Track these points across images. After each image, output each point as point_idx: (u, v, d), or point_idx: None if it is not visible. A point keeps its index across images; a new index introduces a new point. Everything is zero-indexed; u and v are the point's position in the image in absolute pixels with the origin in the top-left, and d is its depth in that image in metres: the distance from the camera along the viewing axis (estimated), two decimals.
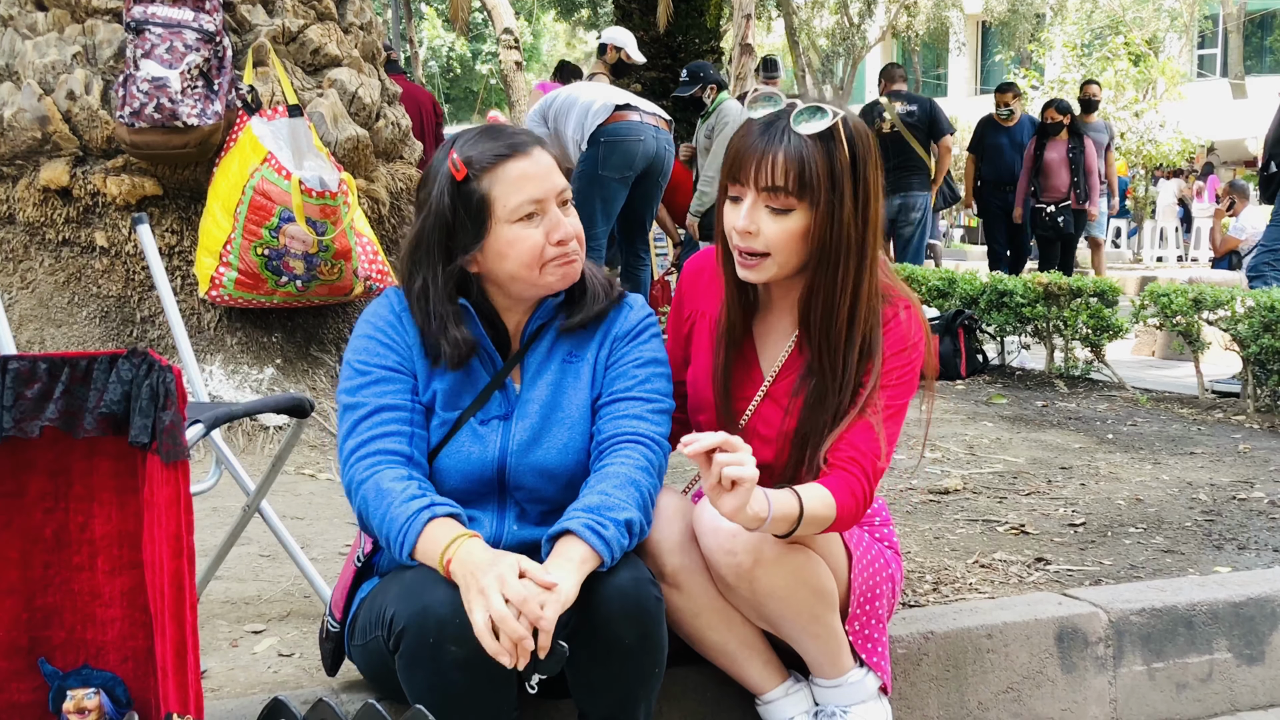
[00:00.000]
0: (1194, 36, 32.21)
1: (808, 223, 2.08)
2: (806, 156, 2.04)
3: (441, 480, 2.09)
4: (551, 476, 2.10)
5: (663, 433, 2.14)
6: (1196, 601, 2.81)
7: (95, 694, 1.91)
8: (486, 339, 2.12)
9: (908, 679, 2.53)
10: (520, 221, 2.04)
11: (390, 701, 1.98)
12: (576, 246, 2.09)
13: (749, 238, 2.09)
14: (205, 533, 2.95)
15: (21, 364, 1.80)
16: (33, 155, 4.59)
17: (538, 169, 2.05)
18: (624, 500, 1.99)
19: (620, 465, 2.04)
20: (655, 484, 2.09)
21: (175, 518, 1.75)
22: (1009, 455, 4.62)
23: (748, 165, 2.08)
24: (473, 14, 18.37)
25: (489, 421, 2.10)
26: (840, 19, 32.53)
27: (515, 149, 2.05)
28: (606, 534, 1.92)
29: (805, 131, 2.05)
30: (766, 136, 2.07)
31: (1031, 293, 6.51)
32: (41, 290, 4.61)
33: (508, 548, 2.06)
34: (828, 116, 2.06)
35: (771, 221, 2.08)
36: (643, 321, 2.22)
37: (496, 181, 2.04)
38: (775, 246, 2.09)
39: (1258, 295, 5.57)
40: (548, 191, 2.05)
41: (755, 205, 2.08)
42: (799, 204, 2.06)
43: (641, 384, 2.15)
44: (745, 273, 2.14)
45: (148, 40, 4.28)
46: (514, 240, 2.04)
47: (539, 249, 2.04)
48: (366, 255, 4.52)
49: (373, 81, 5.17)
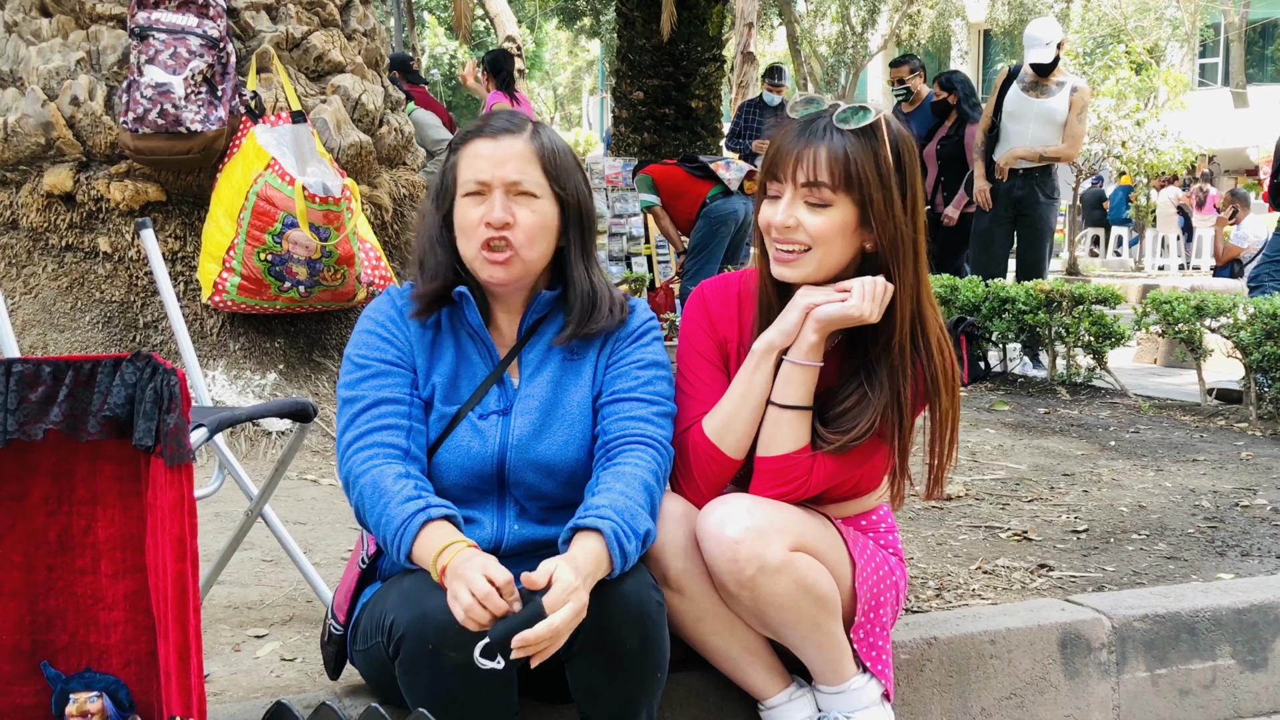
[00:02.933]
0: (1195, 45, 32.20)
1: (849, 217, 2.10)
2: (850, 152, 2.08)
3: (440, 475, 2.09)
4: (551, 472, 2.10)
5: (668, 437, 2.14)
6: (1200, 608, 2.80)
7: (98, 697, 1.91)
8: (484, 330, 2.13)
9: (910, 685, 2.53)
10: (468, 197, 2.10)
11: (393, 706, 1.98)
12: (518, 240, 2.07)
13: (789, 231, 2.11)
14: (208, 538, 2.95)
15: (25, 367, 1.80)
16: (37, 161, 4.59)
17: (495, 152, 2.09)
18: (643, 506, 2.00)
19: (634, 468, 2.05)
20: (662, 490, 2.11)
21: (179, 521, 1.75)
22: (1011, 462, 4.61)
23: (787, 163, 2.10)
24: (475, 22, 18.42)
25: (488, 416, 2.11)
26: (842, 28, 32.56)
27: (485, 130, 2.12)
28: (628, 549, 1.93)
29: (850, 128, 2.08)
30: (807, 135, 2.10)
31: (1033, 300, 6.51)
32: (45, 295, 4.62)
33: (509, 547, 2.07)
34: (871, 114, 2.10)
35: (810, 215, 2.10)
36: (645, 324, 2.22)
37: (463, 156, 2.12)
38: (817, 239, 2.11)
39: (1260, 303, 5.57)
40: (494, 175, 2.08)
41: (794, 201, 2.10)
42: (838, 198, 2.09)
43: (644, 385, 2.15)
44: (783, 269, 2.15)
45: (152, 46, 4.29)
46: (460, 214, 2.11)
47: (472, 223, 2.08)
48: (369, 261, 4.52)
49: (376, 88, 5.18)
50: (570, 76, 46.66)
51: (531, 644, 1.77)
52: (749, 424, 2.18)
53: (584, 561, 1.86)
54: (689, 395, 2.24)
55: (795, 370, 2.15)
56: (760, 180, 2.19)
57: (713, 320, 2.29)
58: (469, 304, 2.12)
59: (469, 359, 2.14)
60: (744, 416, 2.17)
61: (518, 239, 2.08)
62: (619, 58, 13.30)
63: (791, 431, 2.16)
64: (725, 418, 2.18)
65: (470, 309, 2.13)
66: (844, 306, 2.11)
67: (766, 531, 2.07)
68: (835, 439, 2.15)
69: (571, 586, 1.80)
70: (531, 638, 1.76)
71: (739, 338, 2.27)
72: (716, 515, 2.09)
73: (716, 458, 2.18)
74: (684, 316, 2.34)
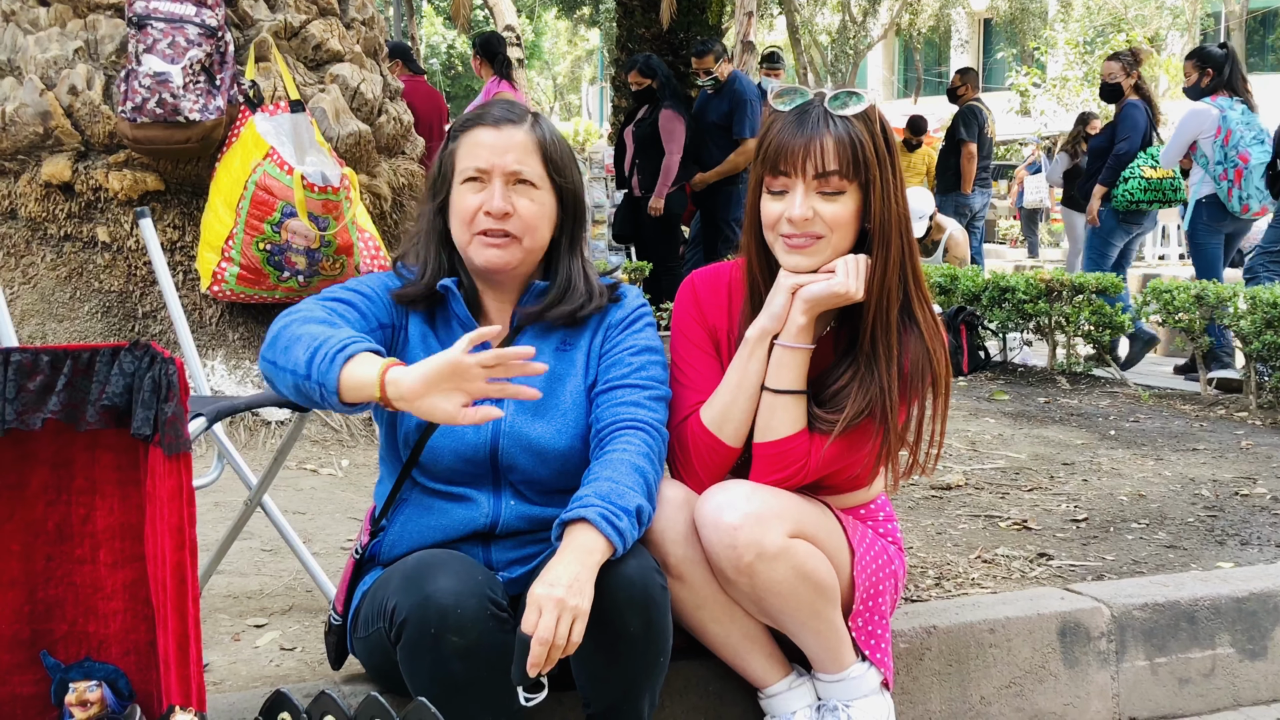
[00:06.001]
0: (1196, 34, 32.14)
1: (858, 203, 2.13)
2: (855, 138, 2.10)
3: (435, 460, 2.09)
4: (545, 459, 2.10)
5: (661, 419, 2.14)
6: (1199, 597, 2.80)
7: (97, 686, 1.90)
8: (473, 322, 2.13)
9: (910, 674, 2.53)
10: (466, 183, 2.10)
11: (393, 695, 1.98)
12: (516, 228, 2.08)
13: (806, 224, 2.11)
14: (207, 527, 2.95)
15: (24, 356, 1.80)
16: (35, 150, 4.58)
17: (497, 140, 2.10)
18: (632, 487, 1.99)
19: (623, 452, 2.04)
20: (657, 471, 2.10)
21: (177, 510, 1.75)
22: (1011, 451, 4.61)
23: (793, 156, 2.10)
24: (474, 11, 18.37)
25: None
26: (843, 17, 32.50)
27: (486, 119, 2.12)
28: (620, 525, 1.92)
29: (848, 113, 2.10)
30: (806, 125, 2.10)
31: (1033, 289, 6.51)
32: (43, 285, 4.61)
33: (507, 524, 2.09)
34: (864, 99, 2.12)
35: (825, 205, 2.11)
36: (637, 310, 2.23)
37: (463, 143, 2.13)
38: (833, 226, 2.12)
39: (1260, 292, 5.57)
40: (495, 164, 2.08)
41: (807, 193, 2.11)
42: (849, 185, 2.11)
43: (637, 371, 2.15)
44: (799, 258, 2.15)
45: (150, 35, 4.28)
46: (457, 200, 2.11)
47: (470, 211, 2.08)
48: (368, 250, 4.51)
49: (374, 77, 5.17)
50: (569, 66, 46.56)
51: (539, 661, 1.80)
52: (746, 412, 2.18)
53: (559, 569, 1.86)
54: (684, 385, 2.24)
55: (787, 354, 2.16)
56: (758, 175, 2.18)
57: (702, 309, 2.30)
58: (455, 298, 2.13)
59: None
60: (740, 405, 2.18)
61: (516, 228, 2.08)
62: (618, 47, 13.28)
63: (788, 415, 2.16)
64: (723, 407, 2.18)
65: (456, 302, 2.13)
66: (829, 284, 2.12)
67: (765, 518, 2.07)
68: (831, 418, 2.16)
69: (537, 603, 1.82)
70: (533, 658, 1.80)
71: (729, 326, 2.28)
72: (715, 501, 2.09)
73: (715, 447, 2.18)
74: (675, 306, 2.34)
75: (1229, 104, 7.13)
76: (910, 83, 38.05)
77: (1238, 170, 7.03)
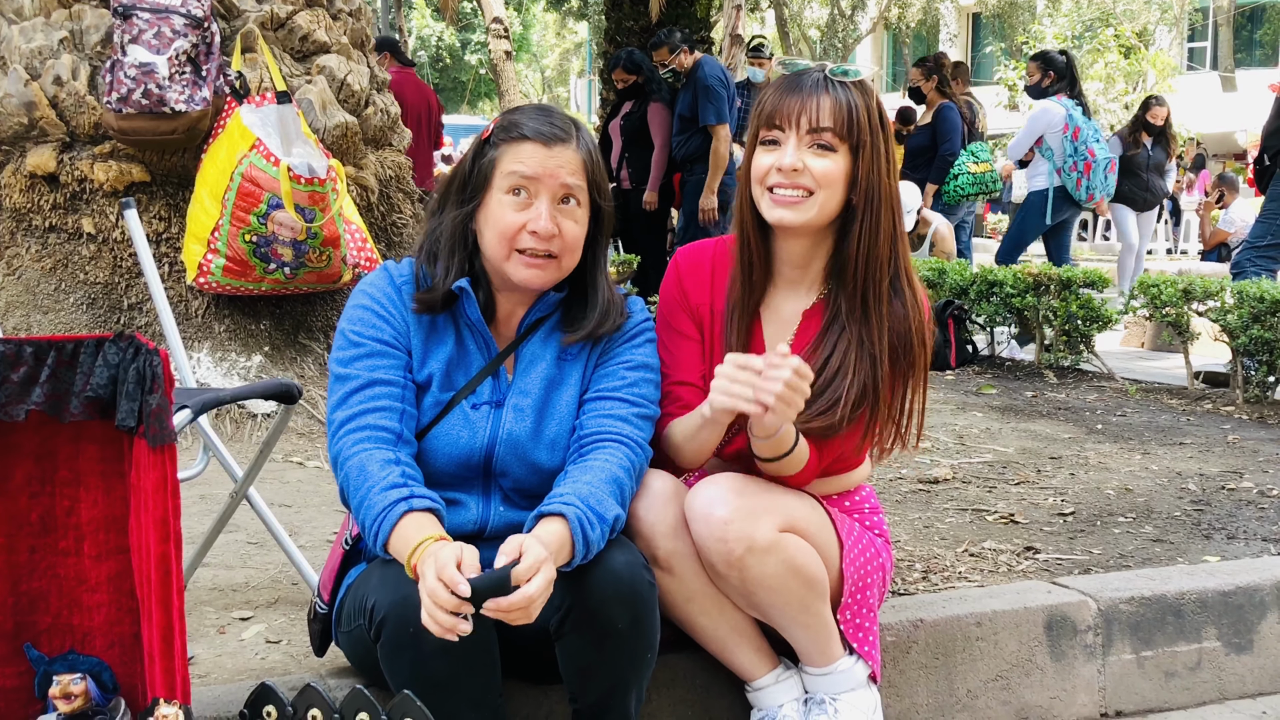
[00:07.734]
0: (1184, 29, 32.23)
1: (848, 166, 2.14)
2: (852, 101, 2.13)
3: (429, 460, 2.08)
4: (538, 469, 2.10)
5: (645, 438, 2.13)
6: (1185, 590, 2.81)
7: (81, 679, 1.89)
8: (484, 325, 2.11)
9: (897, 667, 2.53)
10: (508, 193, 2.05)
11: (377, 688, 1.97)
12: (557, 248, 2.06)
13: (795, 175, 2.12)
14: (193, 520, 2.93)
15: (7, 347, 1.79)
16: (19, 141, 4.56)
17: (548, 159, 2.05)
18: (609, 496, 1.98)
19: (604, 462, 2.03)
20: (634, 487, 2.09)
21: (162, 502, 1.74)
22: (998, 445, 4.62)
23: (790, 111, 2.13)
24: (462, 3, 18.33)
25: (480, 407, 2.10)
26: (832, 10, 32.51)
27: (536, 135, 2.06)
28: (591, 535, 1.92)
29: (847, 80, 2.15)
30: (805, 87, 2.14)
31: (1021, 283, 6.52)
32: (28, 277, 4.59)
33: (494, 529, 2.07)
34: (863, 71, 2.17)
35: (816, 159, 2.12)
36: (639, 325, 2.21)
37: (506, 152, 2.07)
38: (821, 182, 2.13)
39: (1247, 286, 5.59)
40: (543, 175, 2.04)
41: (800, 145, 2.13)
42: (841, 145, 2.13)
43: (630, 386, 2.14)
44: (784, 212, 2.14)
45: (135, 26, 4.25)
46: (496, 209, 2.06)
47: (513, 228, 2.04)
48: (355, 243, 4.50)
49: (361, 68, 5.15)
50: (558, 59, 46.49)
51: (504, 610, 1.76)
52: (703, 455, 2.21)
53: (549, 540, 1.85)
54: (666, 365, 2.25)
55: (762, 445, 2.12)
56: (754, 131, 2.20)
57: (684, 289, 2.30)
58: (470, 301, 2.10)
59: (466, 349, 2.13)
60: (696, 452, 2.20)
61: (558, 248, 2.06)
62: (607, 39, 13.24)
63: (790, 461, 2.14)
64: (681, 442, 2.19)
65: (471, 305, 2.11)
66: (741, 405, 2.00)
67: (755, 512, 2.07)
68: (827, 421, 2.14)
69: (540, 558, 1.79)
70: (505, 604, 1.75)
71: (710, 302, 2.29)
72: (705, 495, 2.09)
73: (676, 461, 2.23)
74: (661, 288, 2.35)
75: (1070, 104, 7.98)
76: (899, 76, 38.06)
77: (1086, 164, 7.93)
